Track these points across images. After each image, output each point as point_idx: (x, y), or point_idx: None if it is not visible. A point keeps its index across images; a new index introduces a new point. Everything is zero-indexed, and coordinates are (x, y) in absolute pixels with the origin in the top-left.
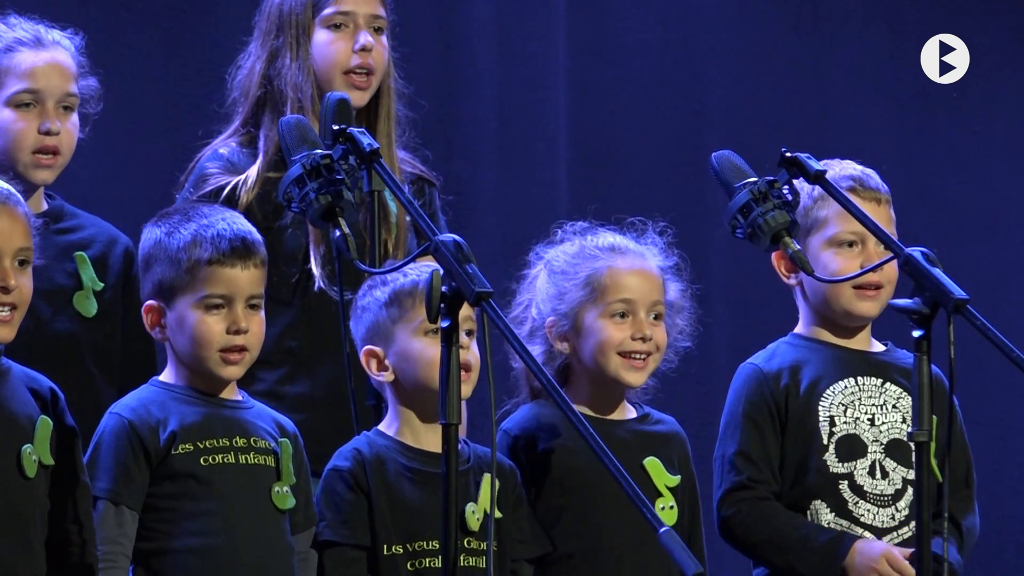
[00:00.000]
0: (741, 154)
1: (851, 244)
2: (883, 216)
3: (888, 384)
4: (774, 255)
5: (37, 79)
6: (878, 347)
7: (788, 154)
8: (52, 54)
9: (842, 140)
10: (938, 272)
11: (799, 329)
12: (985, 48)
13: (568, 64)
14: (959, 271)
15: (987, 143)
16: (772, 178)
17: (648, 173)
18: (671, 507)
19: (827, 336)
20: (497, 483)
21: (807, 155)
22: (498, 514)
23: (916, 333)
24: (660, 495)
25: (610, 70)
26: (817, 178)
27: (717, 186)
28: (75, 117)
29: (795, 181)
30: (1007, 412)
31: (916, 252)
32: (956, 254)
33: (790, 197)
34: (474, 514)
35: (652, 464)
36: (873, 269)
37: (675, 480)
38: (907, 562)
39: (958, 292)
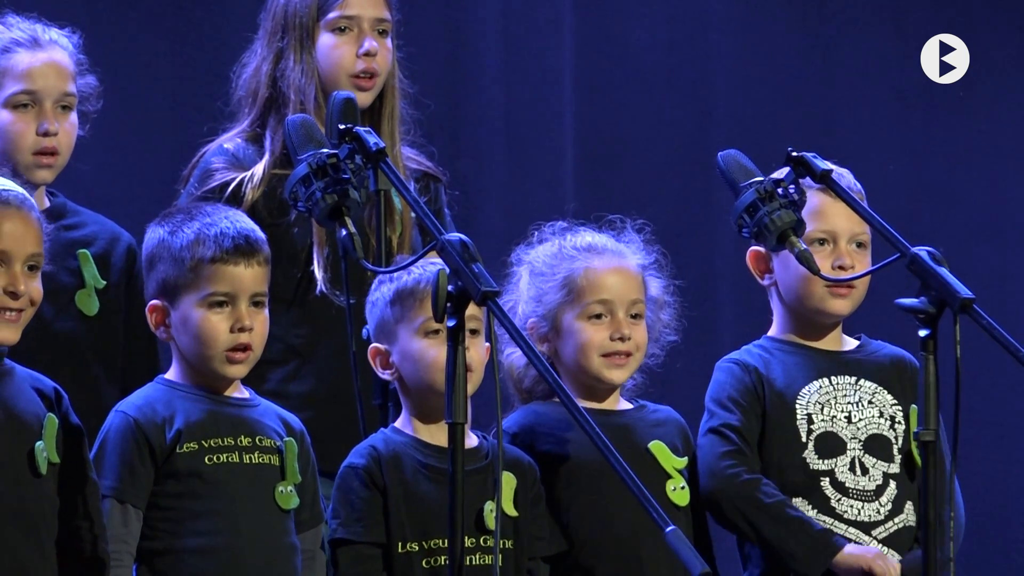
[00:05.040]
0: (747, 153)
1: (822, 242)
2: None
3: (862, 380)
4: (749, 256)
5: (34, 80)
6: (850, 344)
7: (794, 153)
8: (49, 54)
9: (848, 139)
10: (944, 271)
11: (772, 332)
12: (988, 47)
13: (575, 63)
14: (965, 270)
15: (993, 142)
16: (778, 177)
17: (654, 172)
18: (682, 487)
19: (799, 338)
20: (514, 480)
21: (813, 154)
22: (515, 512)
23: (922, 332)
24: (670, 477)
25: (616, 69)
26: (823, 177)
27: (723, 185)
28: (74, 116)
29: (801, 180)
30: (1013, 411)
31: (922, 251)
32: (962, 253)
33: (796, 196)
34: (492, 512)
35: (658, 447)
36: (879, 269)
37: (683, 462)
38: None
39: (964, 291)
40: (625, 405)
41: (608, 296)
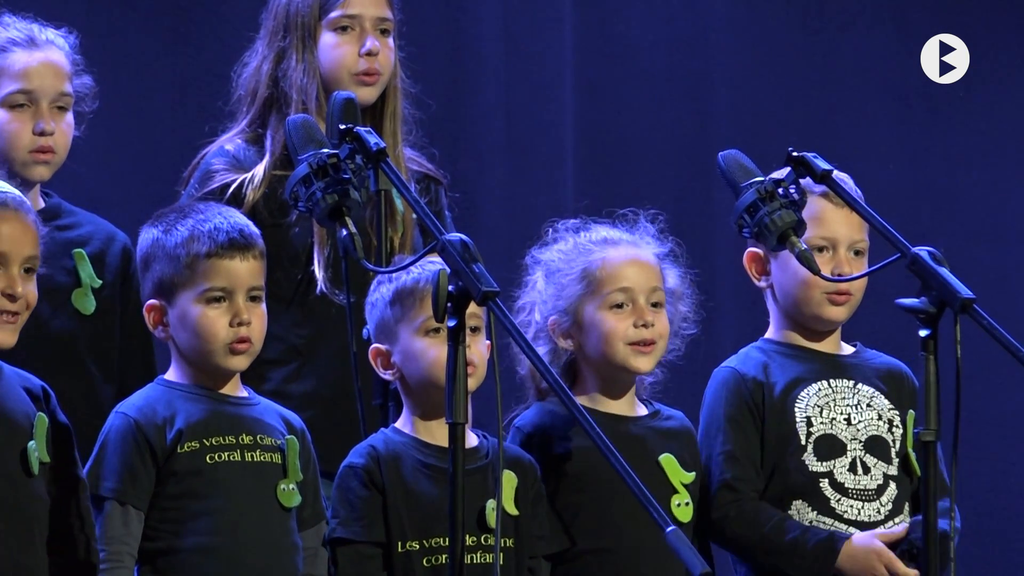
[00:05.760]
0: (748, 153)
1: (822, 249)
2: (855, 220)
3: (860, 384)
4: (746, 257)
5: (31, 79)
6: (847, 349)
7: (795, 153)
8: (46, 54)
9: (848, 140)
10: (944, 271)
11: (770, 334)
12: (988, 47)
13: (575, 63)
14: (965, 270)
15: (993, 142)
16: (779, 177)
17: (655, 172)
18: (687, 503)
19: (797, 340)
20: (515, 479)
21: (814, 154)
22: (515, 511)
23: (923, 332)
24: (676, 491)
25: (617, 69)
26: (824, 177)
27: (724, 185)
28: (70, 116)
29: (802, 181)
30: (1013, 412)
31: (922, 251)
32: (962, 253)
33: (797, 196)
34: (494, 511)
35: (668, 461)
36: (880, 269)
37: (690, 477)
38: (895, 555)
39: (965, 291)
40: (641, 409)
41: (628, 284)
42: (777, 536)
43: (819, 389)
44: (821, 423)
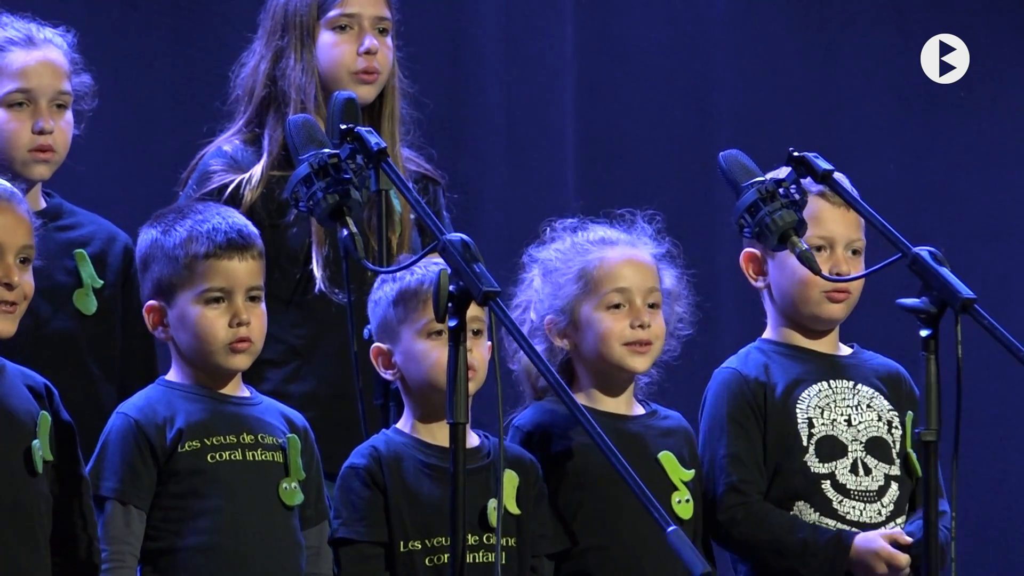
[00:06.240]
0: (748, 153)
1: (819, 248)
2: (852, 219)
3: (860, 385)
4: (743, 257)
5: (29, 78)
6: (845, 350)
7: (795, 153)
8: (44, 52)
9: (849, 139)
10: (945, 271)
11: (768, 334)
12: (988, 47)
13: (575, 63)
14: (965, 270)
15: (993, 142)
16: (780, 177)
17: (655, 172)
18: (687, 500)
19: (796, 339)
20: (516, 478)
21: (815, 154)
22: (517, 510)
23: (923, 332)
24: (676, 489)
25: (617, 69)
26: (825, 177)
27: (724, 185)
28: (69, 115)
29: (802, 180)
30: (1013, 412)
31: (923, 251)
32: (962, 253)
33: (797, 196)
34: (495, 510)
35: (667, 458)
36: (880, 269)
37: (690, 474)
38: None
39: (965, 291)
40: (638, 409)
41: (625, 284)
42: (787, 537)
43: (819, 390)
44: (822, 424)
